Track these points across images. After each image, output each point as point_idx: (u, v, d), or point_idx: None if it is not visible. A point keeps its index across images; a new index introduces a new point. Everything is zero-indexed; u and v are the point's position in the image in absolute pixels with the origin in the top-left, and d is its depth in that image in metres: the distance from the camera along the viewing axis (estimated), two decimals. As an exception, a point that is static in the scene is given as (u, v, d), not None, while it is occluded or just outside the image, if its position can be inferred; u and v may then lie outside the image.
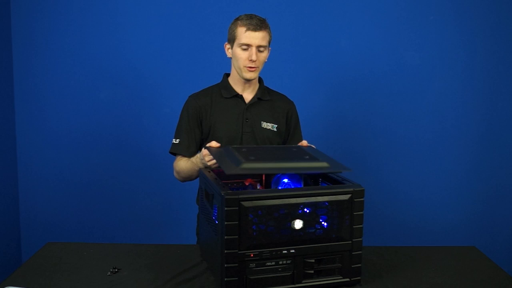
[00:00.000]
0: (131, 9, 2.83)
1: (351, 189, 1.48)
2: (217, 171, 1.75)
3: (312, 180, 1.77)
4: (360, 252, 1.51)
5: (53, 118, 2.90)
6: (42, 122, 2.90)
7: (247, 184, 1.74)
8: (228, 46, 1.95)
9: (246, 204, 1.38)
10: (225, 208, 1.37)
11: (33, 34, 2.83)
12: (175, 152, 1.99)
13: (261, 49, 1.88)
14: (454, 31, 2.88)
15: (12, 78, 2.85)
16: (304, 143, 1.82)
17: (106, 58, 2.85)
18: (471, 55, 2.90)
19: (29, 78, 2.86)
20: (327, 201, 1.46)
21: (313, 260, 1.47)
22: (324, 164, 1.51)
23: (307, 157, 1.57)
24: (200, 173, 1.72)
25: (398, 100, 2.93)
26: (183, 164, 1.95)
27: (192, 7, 2.84)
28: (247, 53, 1.87)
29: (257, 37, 1.85)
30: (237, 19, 1.92)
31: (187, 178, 1.98)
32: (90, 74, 2.87)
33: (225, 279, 1.40)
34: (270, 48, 1.95)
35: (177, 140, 1.99)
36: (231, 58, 1.96)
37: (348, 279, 1.51)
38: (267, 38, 1.90)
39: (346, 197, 1.47)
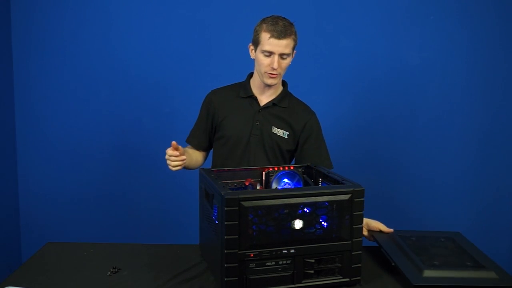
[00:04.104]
0: (129, 10, 2.83)
1: (351, 189, 1.48)
2: (217, 171, 1.75)
3: (312, 180, 1.77)
4: (360, 252, 1.51)
5: (53, 119, 2.90)
6: (42, 122, 2.90)
7: (247, 184, 1.74)
8: (252, 47, 1.91)
9: (246, 204, 1.38)
10: (225, 208, 1.37)
11: (33, 34, 2.83)
12: (186, 140, 2.09)
13: (284, 56, 1.84)
14: (454, 31, 2.88)
15: (12, 78, 2.85)
16: (381, 227, 1.84)
17: (105, 58, 2.85)
18: (472, 55, 2.90)
19: (29, 79, 2.87)
20: (327, 201, 1.46)
21: (313, 260, 1.47)
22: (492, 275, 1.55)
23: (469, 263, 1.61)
24: (200, 173, 1.72)
25: (399, 100, 2.93)
26: None
27: (190, 7, 2.83)
28: (269, 60, 1.84)
29: (280, 45, 1.81)
30: (263, 21, 1.86)
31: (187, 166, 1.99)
32: (90, 74, 2.87)
33: (225, 279, 1.40)
34: (295, 52, 1.91)
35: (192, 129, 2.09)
36: (254, 59, 1.93)
37: (348, 279, 1.51)
38: (292, 45, 1.85)
39: (346, 197, 1.47)
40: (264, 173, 1.77)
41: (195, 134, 2.07)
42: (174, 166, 1.79)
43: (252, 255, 1.41)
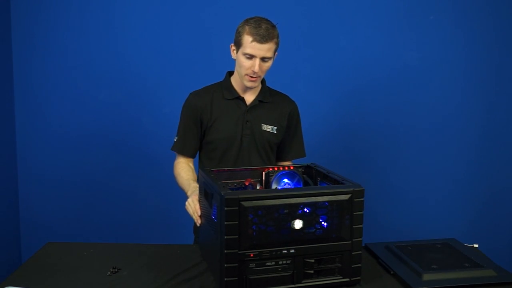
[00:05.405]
0: (129, 10, 2.83)
1: (351, 189, 1.48)
2: (217, 171, 1.75)
3: (312, 180, 1.77)
4: (360, 252, 1.51)
5: (53, 118, 2.90)
6: (42, 122, 2.90)
7: (247, 184, 1.74)
8: (233, 48, 1.89)
9: (246, 204, 1.38)
10: (225, 208, 1.37)
11: (33, 34, 2.83)
12: (173, 150, 2.02)
13: (266, 59, 1.83)
14: (454, 31, 2.89)
15: (12, 78, 2.85)
16: None
17: (105, 58, 2.85)
18: (471, 55, 2.90)
19: (29, 78, 2.87)
20: (327, 201, 1.46)
21: (313, 260, 1.47)
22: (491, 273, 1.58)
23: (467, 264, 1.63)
24: (200, 173, 1.72)
25: (398, 100, 2.93)
26: (179, 177, 1.96)
27: (190, 7, 2.83)
28: (250, 63, 1.82)
29: (262, 49, 1.80)
30: (246, 22, 1.84)
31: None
32: (90, 74, 2.87)
33: (225, 279, 1.40)
34: (276, 53, 1.90)
35: (176, 138, 2.01)
36: (235, 59, 1.92)
37: (348, 279, 1.51)
38: (273, 48, 1.84)
39: (346, 197, 1.47)
40: (264, 173, 1.77)
41: (187, 143, 1.98)
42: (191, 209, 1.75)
43: (252, 255, 1.41)
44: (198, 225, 1.72)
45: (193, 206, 1.73)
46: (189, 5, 2.83)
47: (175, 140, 2.01)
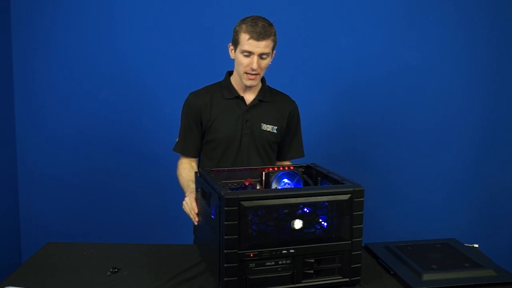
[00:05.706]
0: (129, 9, 2.83)
1: (351, 189, 1.48)
2: (217, 171, 1.75)
3: (312, 180, 1.77)
4: (359, 252, 1.51)
5: (53, 118, 2.90)
6: (42, 122, 2.90)
7: (247, 184, 1.74)
8: (231, 47, 1.91)
9: (246, 204, 1.38)
10: (225, 208, 1.37)
11: (33, 34, 2.83)
12: (175, 150, 2.03)
13: (264, 56, 1.84)
14: (454, 30, 2.88)
15: (12, 78, 2.85)
16: None
17: (105, 58, 2.85)
18: (472, 55, 2.90)
19: (29, 78, 2.87)
20: (327, 201, 1.46)
21: (312, 260, 1.48)
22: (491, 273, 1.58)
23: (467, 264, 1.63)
24: (200, 173, 1.72)
25: (398, 100, 2.93)
26: (181, 178, 1.98)
27: (190, 7, 2.83)
28: (248, 60, 1.84)
29: (259, 46, 1.81)
30: (242, 21, 1.86)
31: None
32: (90, 74, 2.87)
33: (225, 279, 1.40)
34: (275, 51, 1.91)
35: (178, 138, 2.02)
36: (234, 59, 1.93)
37: (348, 279, 1.51)
38: (271, 45, 1.85)
39: (345, 197, 1.47)
40: (264, 173, 1.77)
41: (189, 143, 2.00)
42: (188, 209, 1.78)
43: (252, 255, 1.41)
44: (195, 223, 1.72)
45: (189, 204, 1.74)
46: (189, 5, 2.83)
47: (177, 140, 2.02)
